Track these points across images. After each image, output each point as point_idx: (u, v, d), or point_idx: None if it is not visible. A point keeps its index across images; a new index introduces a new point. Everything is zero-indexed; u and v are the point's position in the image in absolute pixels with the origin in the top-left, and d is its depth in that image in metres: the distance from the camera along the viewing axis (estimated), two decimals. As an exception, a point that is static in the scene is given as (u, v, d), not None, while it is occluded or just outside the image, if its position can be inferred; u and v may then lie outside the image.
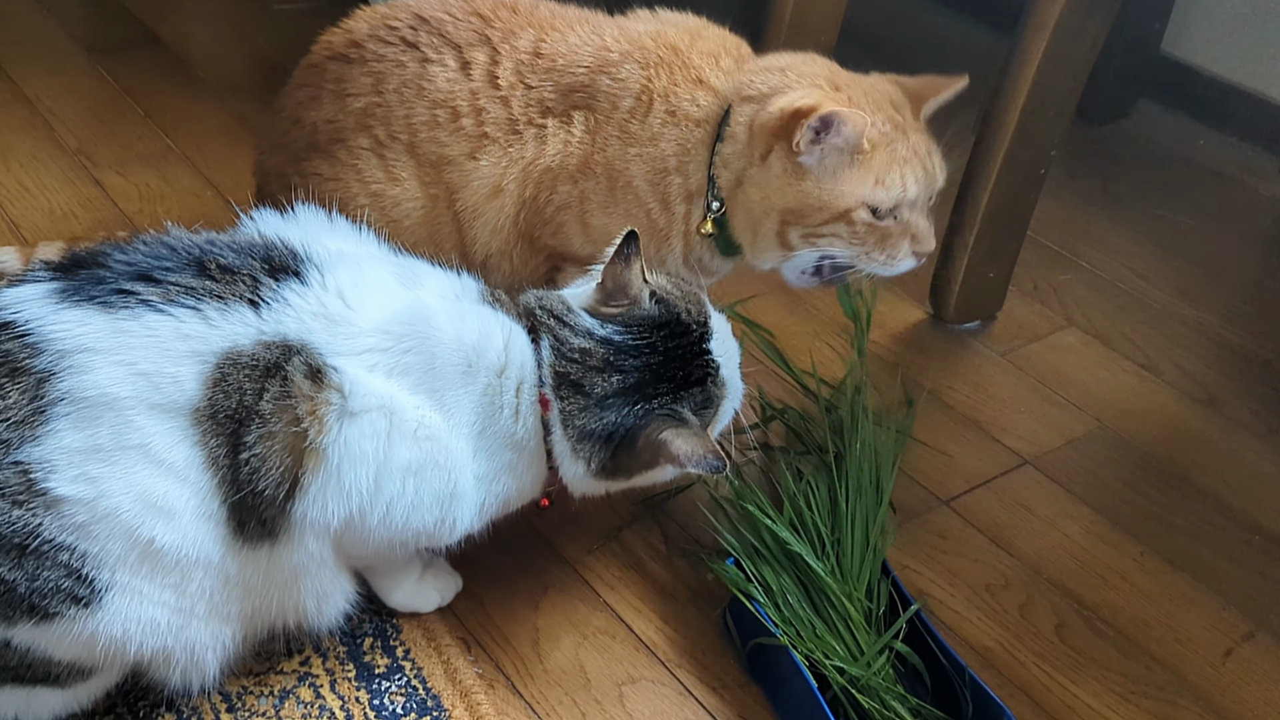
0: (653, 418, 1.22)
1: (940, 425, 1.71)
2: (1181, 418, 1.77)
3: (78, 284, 1.09)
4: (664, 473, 1.28)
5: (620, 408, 1.22)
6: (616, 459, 1.23)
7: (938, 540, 1.53)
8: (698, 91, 1.44)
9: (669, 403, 1.23)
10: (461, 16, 1.51)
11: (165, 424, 1.07)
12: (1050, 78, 1.67)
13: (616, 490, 1.31)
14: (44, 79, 2.33)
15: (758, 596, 1.33)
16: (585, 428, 1.21)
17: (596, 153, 1.45)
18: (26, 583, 1.04)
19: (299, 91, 1.58)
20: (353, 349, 1.14)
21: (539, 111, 1.46)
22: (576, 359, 1.22)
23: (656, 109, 1.44)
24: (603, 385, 1.21)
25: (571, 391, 1.21)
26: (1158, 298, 2.01)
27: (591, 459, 1.23)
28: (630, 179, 1.45)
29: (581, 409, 1.21)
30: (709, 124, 1.44)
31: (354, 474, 1.11)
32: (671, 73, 1.45)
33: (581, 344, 1.22)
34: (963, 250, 1.82)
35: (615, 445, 1.22)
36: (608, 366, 1.22)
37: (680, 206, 1.47)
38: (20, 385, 1.05)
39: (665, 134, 1.44)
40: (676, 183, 1.45)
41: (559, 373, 1.22)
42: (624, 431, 1.22)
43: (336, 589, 1.22)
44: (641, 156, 1.44)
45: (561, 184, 1.46)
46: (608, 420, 1.21)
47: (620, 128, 1.44)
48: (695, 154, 1.44)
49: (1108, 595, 1.48)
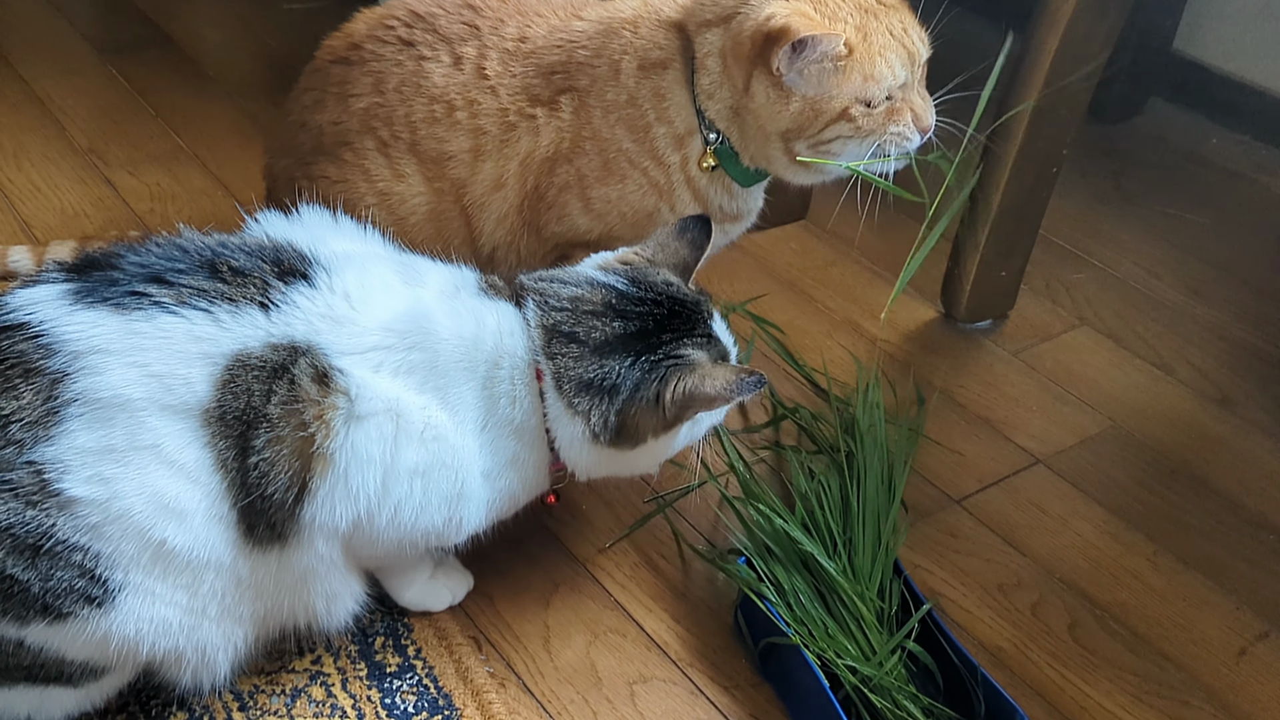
0: (662, 370, 1.19)
1: (952, 424, 1.71)
2: (1195, 417, 1.76)
3: (91, 285, 1.10)
4: (670, 444, 1.25)
5: (624, 357, 1.19)
6: (625, 419, 1.19)
7: (950, 539, 1.53)
8: (658, 33, 1.44)
9: (675, 350, 1.20)
10: (453, 10, 1.52)
11: (177, 425, 1.07)
12: (1063, 77, 1.67)
13: (620, 469, 1.28)
14: (55, 79, 2.33)
15: (769, 596, 1.32)
16: (583, 378, 1.19)
17: (584, 128, 1.46)
18: (40, 583, 1.04)
19: (304, 96, 1.59)
20: (358, 349, 1.14)
21: (528, 100, 1.47)
22: (567, 307, 1.21)
23: (626, 68, 1.44)
24: (602, 330, 1.20)
25: (564, 343, 1.20)
26: (1171, 296, 2.00)
27: (591, 413, 1.19)
28: (619, 144, 1.45)
29: (577, 359, 1.19)
30: (676, 62, 1.43)
31: (361, 477, 1.12)
32: (635, 29, 1.45)
33: (573, 292, 1.22)
34: (974, 249, 1.81)
35: (622, 402, 1.19)
36: (609, 311, 1.21)
37: (673, 156, 1.46)
38: (34, 386, 1.05)
39: (640, 89, 1.44)
40: (661, 133, 1.45)
41: (546, 328, 1.20)
42: (632, 386, 1.18)
43: (346, 590, 1.22)
44: (623, 120, 1.45)
45: (559, 167, 1.47)
46: (610, 370, 1.19)
47: (599, 98, 1.45)
48: (672, 96, 1.44)
49: (1120, 595, 1.47)
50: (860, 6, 1.38)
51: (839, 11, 1.37)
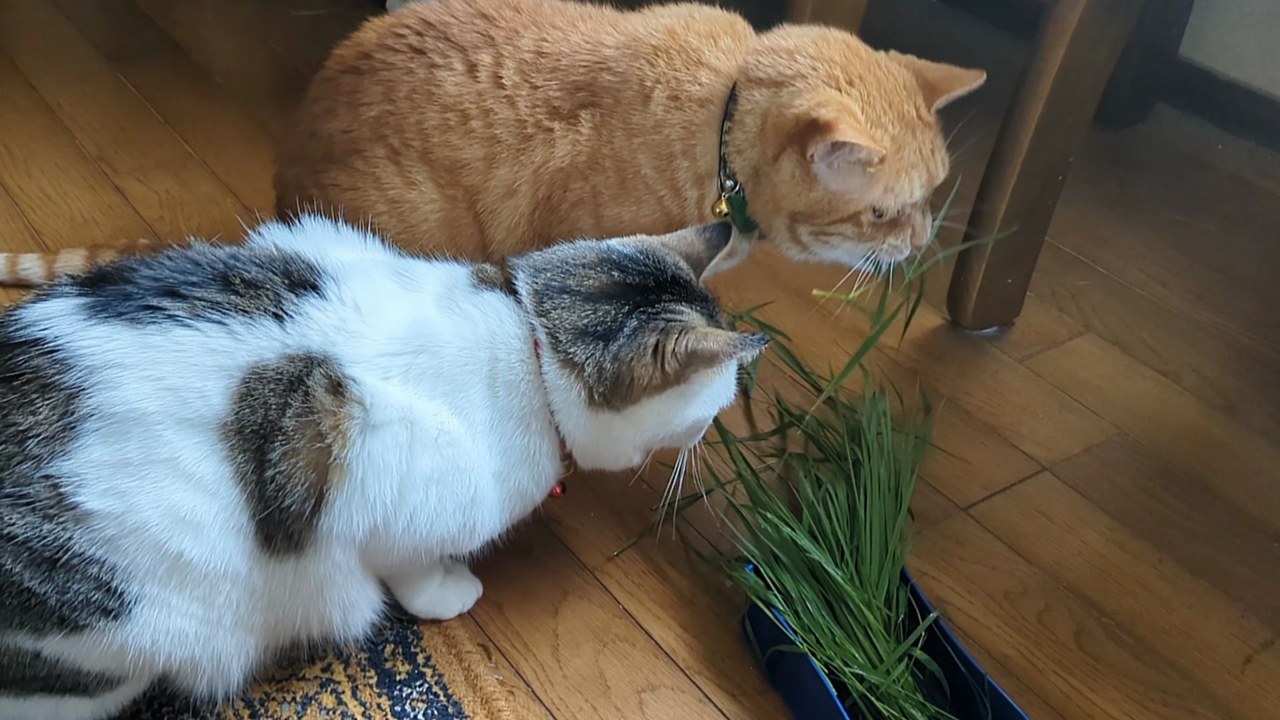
0: (661, 323, 1.18)
1: (958, 431, 1.71)
2: (1200, 424, 1.77)
3: (105, 300, 1.10)
4: (662, 421, 1.22)
5: (621, 304, 1.19)
6: (621, 367, 1.18)
7: (956, 547, 1.54)
8: (699, 71, 1.44)
9: (674, 307, 1.19)
10: (465, 19, 1.52)
11: (193, 438, 1.08)
12: (1069, 85, 1.68)
13: (613, 448, 1.25)
14: (65, 86, 2.35)
15: (777, 604, 1.33)
16: (576, 325, 1.18)
17: (604, 146, 1.46)
18: (57, 595, 1.05)
19: (314, 105, 1.59)
20: (369, 358, 1.14)
21: (546, 113, 1.47)
22: (556, 266, 1.21)
23: (657, 96, 1.43)
24: (596, 278, 1.20)
25: (554, 297, 1.19)
26: (1176, 303, 2.01)
27: (587, 364, 1.18)
28: (638, 168, 1.45)
29: (569, 308, 1.19)
30: (713, 104, 1.43)
31: (378, 486, 1.12)
32: (669, 58, 1.44)
33: (565, 253, 1.23)
34: (981, 256, 1.82)
35: (619, 347, 1.17)
36: (604, 263, 1.21)
37: (691, 191, 1.46)
38: (50, 401, 1.06)
39: (669, 119, 1.44)
40: (684, 166, 1.45)
41: (536, 291, 1.20)
42: (629, 333, 1.17)
43: (363, 599, 1.22)
44: (647, 145, 1.45)
45: (574, 182, 1.47)
46: (605, 314, 1.18)
47: (624, 120, 1.45)
48: (701, 136, 1.44)
49: (1126, 602, 1.48)
50: (902, 118, 1.39)
51: (882, 118, 1.38)
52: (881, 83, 1.40)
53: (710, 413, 1.26)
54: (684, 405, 1.23)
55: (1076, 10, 1.62)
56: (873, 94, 1.39)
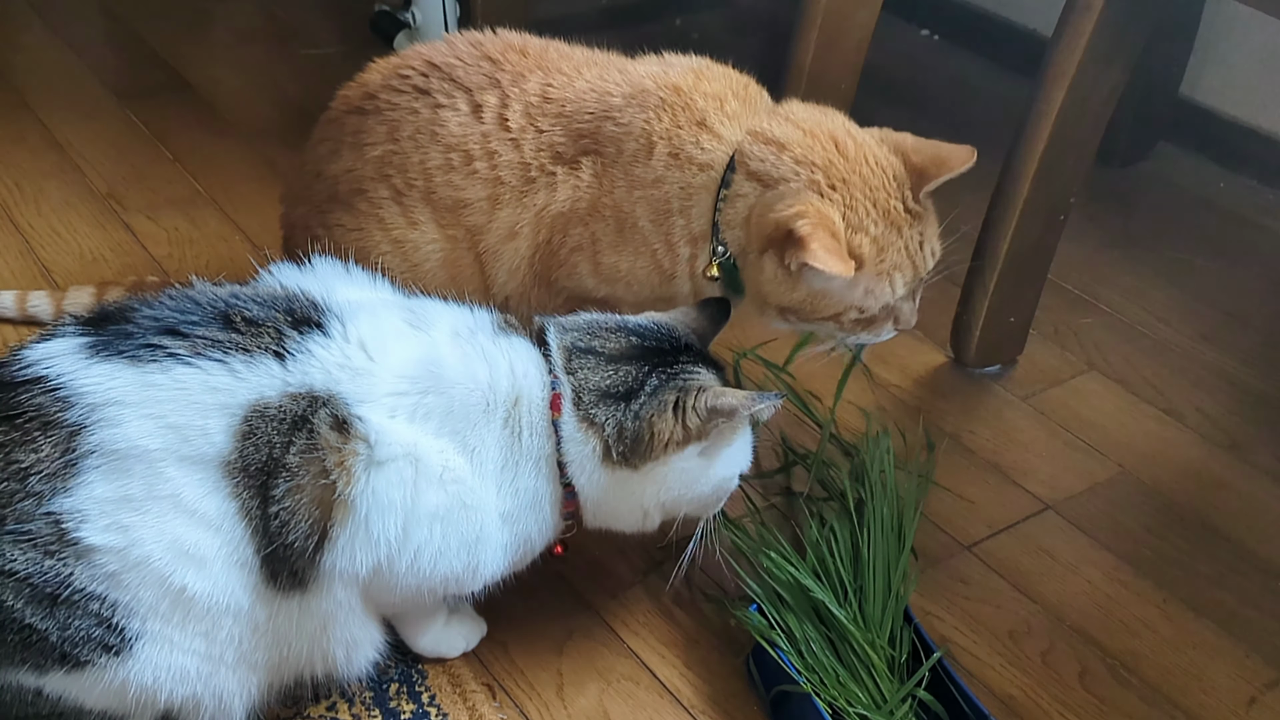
0: (681, 380, 1.23)
1: (961, 470, 1.72)
2: (1204, 463, 1.77)
3: (107, 339, 1.11)
4: (680, 482, 1.24)
5: (641, 364, 1.23)
6: (643, 425, 1.21)
7: (960, 586, 1.54)
8: (701, 134, 1.44)
9: (691, 368, 1.24)
10: (471, 61, 1.53)
11: (195, 475, 1.08)
12: (1070, 126, 1.69)
13: (625, 509, 1.27)
14: (75, 124, 2.37)
15: (781, 643, 1.33)
16: (600, 386, 1.22)
17: (604, 195, 1.46)
18: (58, 632, 1.06)
19: (320, 146, 1.60)
20: (375, 396, 1.15)
21: (550, 157, 1.48)
22: (584, 327, 1.26)
23: (659, 151, 1.44)
24: (617, 342, 1.25)
25: (581, 356, 1.23)
26: (1179, 341, 2.01)
27: (608, 423, 1.21)
28: (636, 220, 1.46)
29: (594, 369, 1.23)
30: (713, 169, 1.43)
31: (382, 523, 1.13)
32: (674, 114, 1.45)
33: (592, 319, 1.27)
34: (983, 295, 1.83)
35: (640, 405, 1.21)
36: (623, 330, 1.26)
37: (684, 249, 1.47)
38: (52, 439, 1.06)
39: (668, 176, 1.44)
40: (680, 224, 1.46)
41: (566, 348, 1.24)
42: (650, 391, 1.22)
43: (366, 637, 1.22)
44: (645, 198, 1.45)
45: (573, 227, 1.48)
46: (627, 374, 1.22)
47: (625, 171, 1.45)
48: (698, 199, 1.44)
49: (1131, 642, 1.48)
50: (887, 216, 1.39)
51: (864, 220, 1.38)
52: (866, 181, 1.39)
53: (731, 474, 1.29)
54: (706, 465, 1.25)
55: (1076, 53, 1.63)
56: (856, 197, 1.38)
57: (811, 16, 1.90)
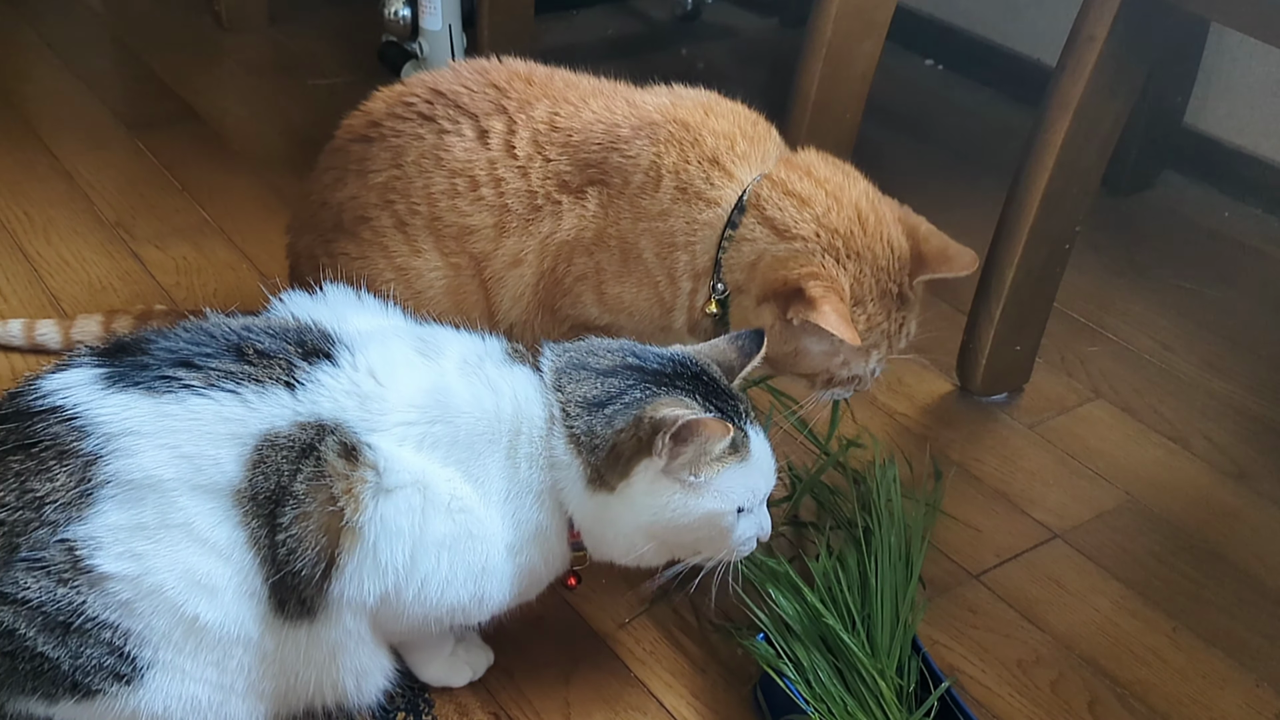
0: (660, 395, 1.19)
1: (969, 498, 1.72)
2: (1211, 491, 1.76)
3: (123, 370, 1.12)
4: (678, 503, 1.18)
5: (629, 378, 1.20)
6: (617, 439, 1.16)
7: (968, 615, 1.53)
8: (713, 172, 1.45)
9: (683, 395, 1.19)
10: (477, 88, 1.53)
11: (207, 504, 1.09)
12: (1075, 156, 1.70)
13: (615, 537, 1.23)
14: (84, 153, 2.38)
15: (788, 673, 1.33)
16: (585, 397, 1.19)
17: (609, 226, 1.47)
18: (70, 660, 1.06)
19: (325, 175, 1.61)
20: (384, 425, 1.15)
21: (557, 186, 1.48)
22: (586, 349, 1.24)
23: (666, 185, 1.45)
24: (613, 360, 1.22)
25: (572, 374, 1.21)
26: (1185, 370, 2.01)
27: (584, 435, 1.17)
28: (640, 251, 1.47)
29: (580, 381, 1.20)
30: (720, 207, 1.44)
31: (390, 550, 1.13)
32: (683, 149, 1.45)
33: (593, 342, 1.26)
34: (989, 323, 1.83)
35: (614, 413, 1.17)
36: (623, 349, 1.24)
37: (686, 283, 1.47)
38: (68, 468, 1.07)
39: (674, 210, 1.45)
40: (683, 259, 1.46)
41: (558, 368, 1.22)
42: (628, 403, 1.17)
43: (375, 666, 1.22)
44: (650, 231, 1.46)
45: (578, 256, 1.48)
46: (612, 387, 1.19)
47: (631, 202, 1.46)
48: (703, 235, 1.45)
49: (1140, 672, 1.47)
50: (884, 296, 1.44)
51: (866, 298, 1.42)
52: (878, 260, 1.42)
53: (723, 508, 1.21)
54: (684, 494, 1.19)
55: (1080, 83, 1.64)
56: (865, 272, 1.41)
57: (816, 46, 1.91)
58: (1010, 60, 2.81)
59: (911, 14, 2.91)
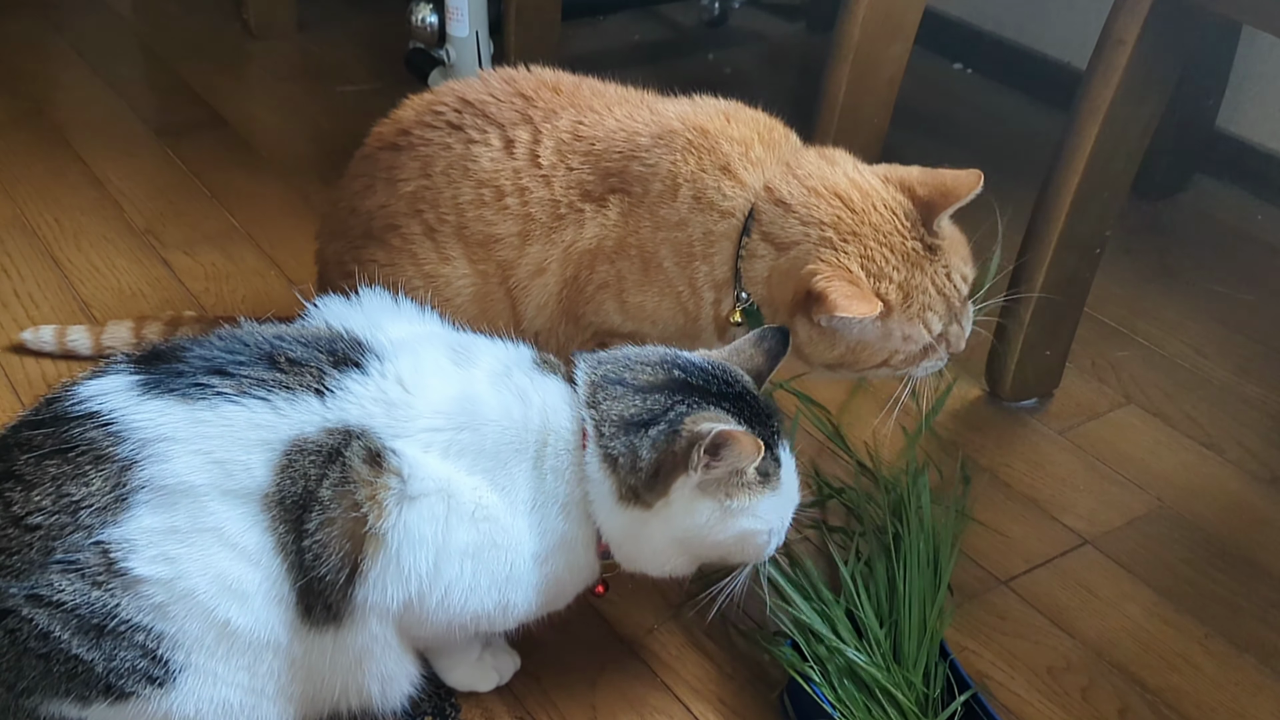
0: (700, 410, 1.17)
1: (998, 504, 1.71)
2: (1244, 497, 1.75)
3: (158, 377, 1.13)
4: (714, 522, 1.19)
5: (671, 395, 1.18)
6: (659, 456, 1.16)
7: (997, 621, 1.52)
8: (724, 180, 1.43)
9: (722, 412, 1.18)
10: (504, 97, 1.54)
11: (238, 509, 1.10)
12: (1105, 160, 1.68)
13: (647, 551, 1.23)
14: (114, 160, 2.40)
15: (815, 678, 1.32)
16: (622, 416, 1.18)
17: (630, 234, 1.46)
18: (104, 663, 1.07)
19: (354, 182, 1.62)
20: (410, 432, 1.16)
21: (579, 194, 1.48)
22: (619, 360, 1.22)
23: (683, 194, 1.44)
24: (653, 375, 1.20)
25: (608, 389, 1.19)
26: (1218, 375, 2.00)
27: (622, 456, 1.16)
28: (660, 261, 1.46)
29: (618, 398, 1.19)
30: (734, 217, 1.43)
31: (414, 558, 1.13)
32: (699, 157, 1.44)
33: (631, 351, 1.24)
34: (1019, 328, 1.82)
35: (657, 432, 1.16)
36: (666, 363, 1.21)
37: (708, 294, 1.47)
38: (104, 473, 1.08)
39: (692, 219, 1.44)
40: (703, 270, 1.45)
41: (593, 382, 1.21)
42: (669, 421, 1.16)
43: (401, 671, 1.22)
44: (669, 240, 1.45)
45: (600, 264, 1.48)
46: (652, 404, 1.18)
47: (651, 211, 1.45)
48: (720, 245, 1.44)
49: (1172, 679, 1.46)
50: (907, 258, 1.38)
51: (884, 268, 1.37)
52: (878, 229, 1.38)
53: (756, 527, 1.22)
54: (720, 515, 1.19)
55: (1111, 87, 1.63)
56: (870, 246, 1.37)
57: (844, 51, 1.91)
58: (1039, 64, 2.79)
59: (940, 17, 2.90)
